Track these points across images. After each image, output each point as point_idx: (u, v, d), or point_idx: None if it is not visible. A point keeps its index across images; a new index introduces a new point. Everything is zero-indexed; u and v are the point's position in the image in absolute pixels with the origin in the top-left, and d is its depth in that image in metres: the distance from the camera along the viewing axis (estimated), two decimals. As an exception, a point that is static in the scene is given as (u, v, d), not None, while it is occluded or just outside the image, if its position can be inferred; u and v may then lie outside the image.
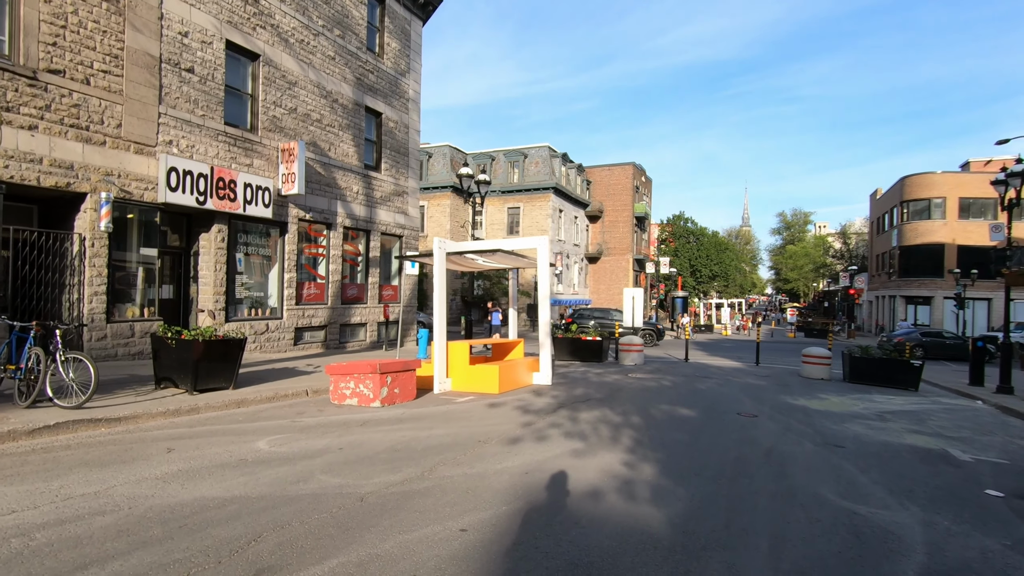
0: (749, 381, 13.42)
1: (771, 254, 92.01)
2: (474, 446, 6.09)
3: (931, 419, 9.41)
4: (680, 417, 8.33)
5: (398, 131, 18.47)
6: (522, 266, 12.36)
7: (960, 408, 11.09)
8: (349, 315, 16.52)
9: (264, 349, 13.74)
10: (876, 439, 7.50)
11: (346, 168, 16.24)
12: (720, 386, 12.22)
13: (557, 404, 9.10)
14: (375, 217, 17.45)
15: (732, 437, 7.10)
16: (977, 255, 35.75)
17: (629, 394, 10.50)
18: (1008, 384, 13.35)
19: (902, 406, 10.77)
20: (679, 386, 11.93)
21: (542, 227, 41.15)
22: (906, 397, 12.22)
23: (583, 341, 17.45)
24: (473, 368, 10.22)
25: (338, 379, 8.64)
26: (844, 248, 68.42)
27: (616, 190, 48.71)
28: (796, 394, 11.49)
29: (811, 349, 15.33)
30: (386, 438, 6.30)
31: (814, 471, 5.69)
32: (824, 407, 9.99)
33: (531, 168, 42.36)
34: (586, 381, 12.28)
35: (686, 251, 58.39)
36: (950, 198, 36.79)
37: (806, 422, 8.41)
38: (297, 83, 14.59)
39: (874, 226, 48.28)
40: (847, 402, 10.79)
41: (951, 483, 5.57)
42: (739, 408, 9.40)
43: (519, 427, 7.22)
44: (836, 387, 13.13)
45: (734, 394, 11.05)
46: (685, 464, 5.73)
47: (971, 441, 7.74)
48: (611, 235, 48.60)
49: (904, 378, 13.88)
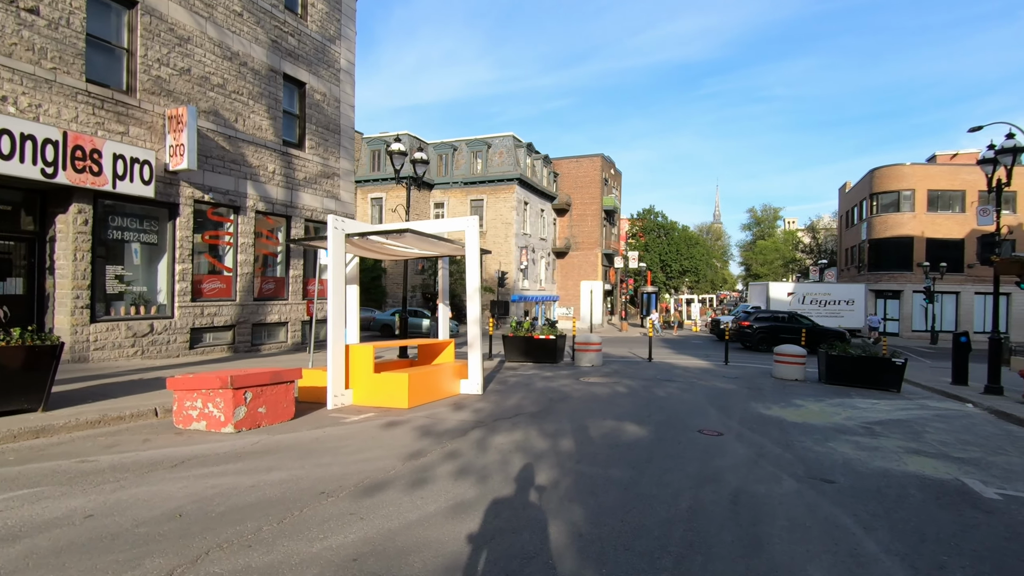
0: (716, 384, 11.76)
1: (741, 250, 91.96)
2: (309, 502, 4.14)
3: (927, 432, 7.82)
4: (626, 440, 6.51)
5: (326, 105, 16.31)
6: (448, 252, 10.44)
7: (953, 415, 9.59)
8: (265, 313, 14.34)
9: (148, 355, 11.50)
10: (871, 466, 5.80)
11: (259, 143, 14.04)
12: (683, 391, 10.51)
13: (474, 422, 7.19)
14: (297, 201, 15.27)
15: (688, 471, 5.30)
16: (945, 248, 35.23)
17: (572, 405, 8.67)
18: (997, 384, 11.99)
19: (889, 413, 9.21)
20: (635, 393, 10.16)
21: (506, 220, 39.28)
22: (890, 401, 10.71)
23: (536, 340, 15.62)
24: (379, 377, 8.24)
25: (183, 396, 6.58)
26: (813, 243, 68.32)
27: (584, 183, 47.09)
28: (769, 401, 9.83)
29: (784, 347, 13.79)
30: (182, 492, 4.30)
31: (800, 533, 3.91)
32: (802, 418, 8.32)
33: (495, 158, 40.41)
34: (527, 387, 10.42)
35: (656, 246, 57.20)
36: (919, 190, 36.18)
37: (783, 442, 6.68)
38: (191, 39, 12.34)
39: (843, 220, 47.78)
40: (827, 410, 9.17)
41: (991, 544, 3.86)
42: (702, 423, 7.65)
43: (401, 462, 5.29)
44: (813, 390, 11.57)
45: (698, 403, 9.33)
46: (614, 526, 3.89)
47: (985, 465, 6.12)
48: (579, 229, 46.99)
49: (885, 378, 12.44)
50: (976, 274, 35.40)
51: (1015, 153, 11.74)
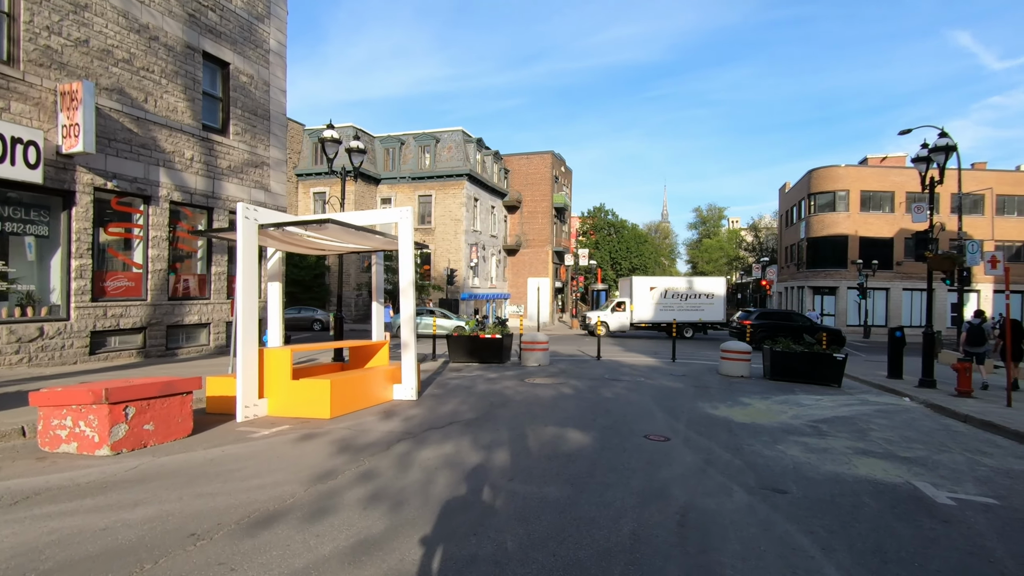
0: (664, 383, 11.46)
1: (688, 248, 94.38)
2: (171, 549, 3.34)
3: (872, 429, 7.69)
4: (567, 449, 5.96)
5: (254, 88, 15.07)
6: (380, 246, 9.63)
7: (892, 409, 9.61)
8: (182, 314, 13.04)
9: (36, 362, 10.12)
10: (822, 470, 5.48)
11: (174, 127, 12.72)
12: (630, 392, 10.12)
13: (401, 433, 6.47)
14: (221, 191, 14.01)
15: (632, 486, 4.79)
16: (877, 246, 36.95)
17: (513, 410, 8.07)
18: (931, 377, 12.27)
19: (833, 410, 9.11)
20: (581, 395, 9.68)
21: (456, 216, 38.42)
22: (832, 396, 10.71)
23: (481, 340, 14.98)
24: (298, 385, 7.38)
25: (50, 413, 5.55)
26: (755, 241, 70.80)
27: (535, 180, 46.77)
28: (716, 400, 9.57)
29: (730, 344, 13.71)
30: (8, 541, 3.40)
31: (755, 560, 3.44)
32: (750, 418, 8.05)
33: (444, 153, 39.43)
34: (468, 391, 9.76)
35: (607, 244, 57.69)
36: (853, 191, 37.79)
37: (732, 446, 6.31)
38: (89, 6, 10.96)
39: (783, 219, 49.52)
40: (774, 408, 8.97)
41: (956, 561, 3.51)
42: (648, 427, 7.22)
43: (304, 487, 4.53)
44: (759, 387, 11.45)
45: (645, 404, 8.93)
46: (544, 563, 3.29)
47: (932, 465, 5.93)
48: (530, 226, 46.64)
49: (827, 373, 12.53)
50: (904, 271, 37.30)
51: (947, 151, 12.03)
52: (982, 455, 6.53)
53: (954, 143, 11.97)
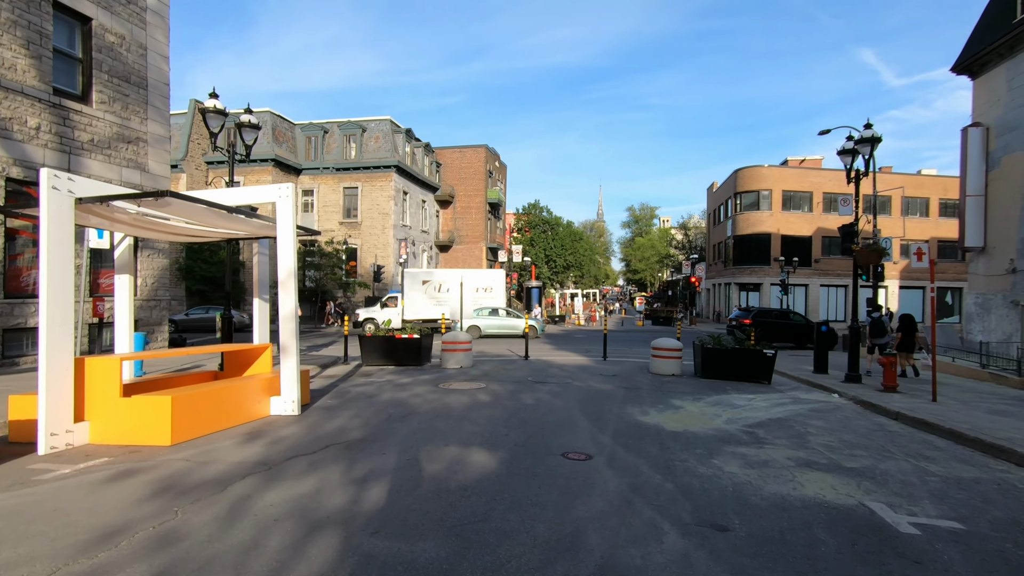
0: (592, 385, 10.55)
1: (622, 246, 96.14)
2: None
3: (810, 433, 7.03)
4: (464, 479, 4.77)
5: (126, 51, 12.87)
6: (255, 231, 8.05)
7: (824, 408, 9.15)
8: (25, 315, 10.81)
9: None
10: (766, 493, 4.60)
11: (10, 88, 10.47)
12: (554, 397, 9.09)
13: (254, 464, 5.05)
14: (81, 169, 11.79)
15: (537, 533, 3.66)
16: (797, 244, 38.39)
17: (414, 424, 6.80)
18: (856, 372, 12.09)
19: (768, 411, 8.47)
20: (498, 402, 8.54)
21: (384, 210, 36.46)
22: (765, 395, 10.18)
23: (398, 340, 13.57)
24: (129, 403, 5.76)
25: None
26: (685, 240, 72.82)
27: (468, 174, 45.45)
28: (647, 403, 8.71)
29: (661, 341, 13.05)
30: None
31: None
32: (682, 424, 7.19)
33: (371, 143, 37.33)
34: (369, 400, 8.38)
35: (541, 241, 57.23)
36: (775, 191, 39.07)
37: (663, 464, 5.35)
38: None
39: (711, 218, 50.87)
40: (707, 411, 8.21)
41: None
42: (569, 440, 6.17)
43: (58, 564, 3.08)
44: (690, 387, 10.77)
45: (568, 411, 7.91)
46: None
47: (881, 477, 5.22)
48: (463, 222, 45.28)
49: (757, 370, 12.10)
50: (822, 268, 39.00)
51: (872, 143, 11.86)
52: (926, 460, 5.95)
53: (879, 135, 11.81)
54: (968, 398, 10.42)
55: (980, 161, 18.78)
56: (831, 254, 39.27)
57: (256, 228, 7.71)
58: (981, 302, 18.64)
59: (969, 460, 6.09)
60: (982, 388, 11.83)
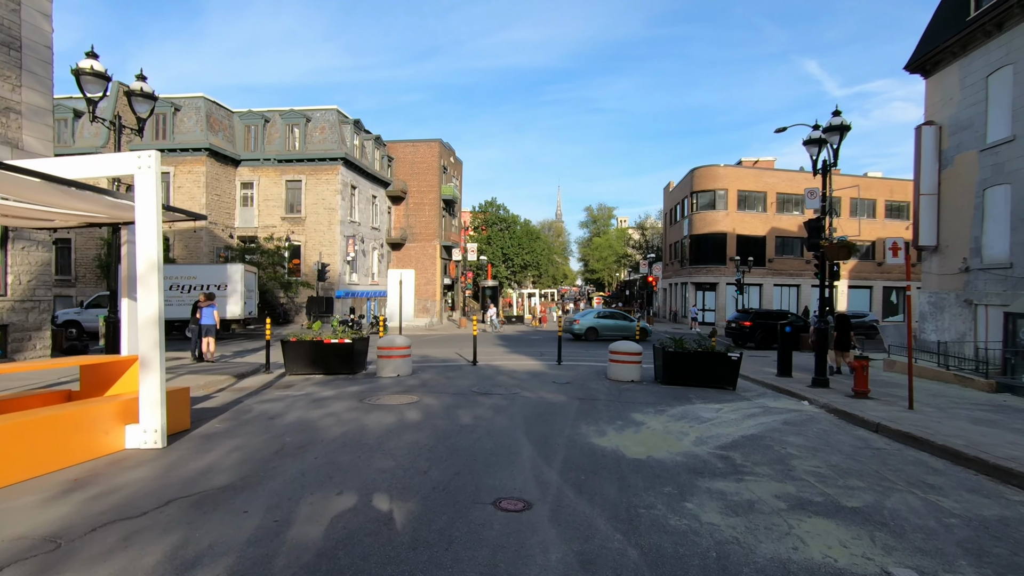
0: (543, 396, 9.28)
1: (580, 246, 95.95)
2: None
3: (791, 456, 5.96)
4: (347, 558, 3.36)
5: (-7, 3, 10.76)
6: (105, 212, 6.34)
7: (798, 419, 8.19)
8: None
9: None
10: (761, 560, 3.39)
11: None
12: (497, 413, 7.76)
13: (40, 540, 3.48)
14: (-75, 142, 9.67)
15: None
16: (752, 244, 38.48)
17: (307, 462, 5.31)
18: (824, 375, 11.30)
19: (738, 424, 7.42)
20: (429, 421, 7.14)
21: (330, 205, 34.31)
22: (731, 404, 9.19)
23: (326, 346, 11.97)
24: None
25: None
26: (642, 239, 73.03)
27: (421, 169, 43.60)
28: (604, 419, 7.49)
29: (619, 344, 11.94)
30: None
31: None
32: (645, 448, 5.99)
33: (316, 134, 35.07)
34: (267, 424, 6.82)
35: (499, 239, 55.91)
36: (731, 190, 39.06)
37: (624, 515, 4.09)
38: None
39: (667, 217, 50.78)
40: (672, 428, 7.06)
41: None
42: (505, 479, 4.84)
43: None
44: (651, 395, 9.66)
45: (511, 433, 6.59)
46: None
47: (894, 524, 4.13)
48: (417, 219, 43.43)
49: (722, 374, 11.17)
50: (775, 268, 39.25)
51: (842, 131, 11.09)
52: (934, 492, 4.93)
53: (848, 123, 11.04)
54: (942, 403, 9.72)
55: (933, 160, 18.58)
56: (784, 254, 39.60)
57: (106, 208, 6.03)
58: (935, 301, 18.46)
59: (980, 488, 5.12)
60: (950, 392, 11.23)
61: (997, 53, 15.95)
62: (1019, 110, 14.99)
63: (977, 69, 16.68)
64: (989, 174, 16.11)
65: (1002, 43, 15.87)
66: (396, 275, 12.87)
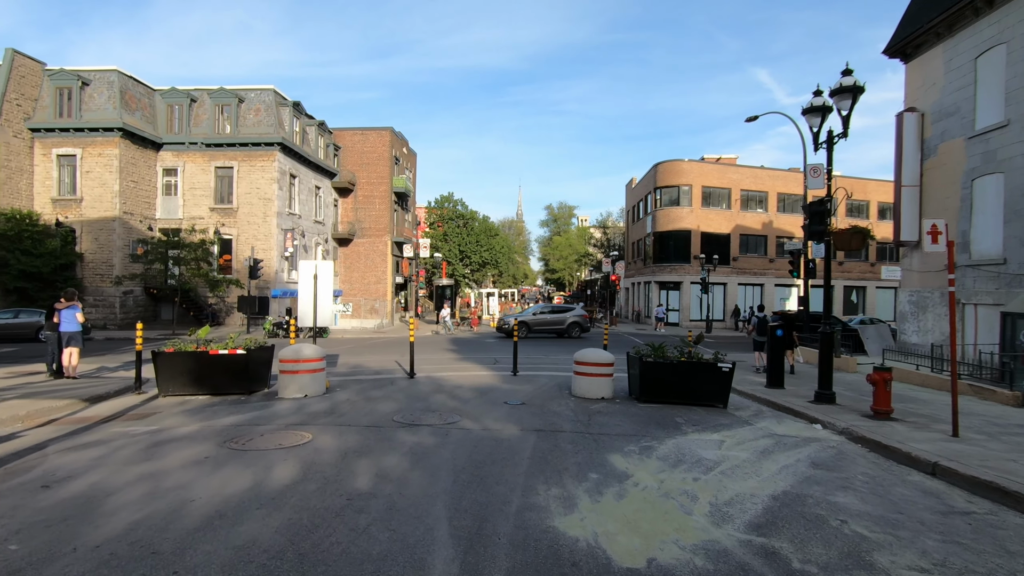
0: (489, 427, 6.89)
1: (540, 246, 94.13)
2: None
3: (863, 539, 3.77)
4: None
5: None
6: None
7: (828, 457, 6.10)
8: None
9: None
10: None
11: None
12: (415, 463, 5.31)
13: None
14: None
15: None
16: (716, 242, 37.22)
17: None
18: (829, 390, 9.36)
19: (760, 475, 5.23)
20: (303, 486, 4.63)
21: (265, 194, 30.92)
22: (732, 432, 7.07)
23: (213, 357, 9.26)
24: None
25: None
26: (604, 238, 71.70)
27: (372, 159, 40.49)
28: (569, 472, 5.15)
29: (585, 353, 9.68)
30: None
31: None
32: (641, 539, 3.66)
33: (250, 116, 31.59)
34: (18, 498, 4.17)
35: (456, 236, 53.21)
36: (695, 186, 37.72)
37: None
38: None
39: (630, 215, 49.31)
40: (671, 485, 4.78)
41: None
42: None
43: None
44: (630, 422, 7.41)
45: (422, 515, 4.15)
46: None
47: None
48: (366, 213, 40.30)
49: (711, 389, 9.12)
50: (739, 266, 38.16)
51: (854, 93, 9.13)
52: None
53: (861, 84, 9.10)
54: (978, 424, 7.86)
55: (915, 150, 17.16)
56: (749, 252, 38.57)
57: None
58: (916, 300, 17.04)
59: None
60: (974, 407, 9.44)
61: (988, 32, 14.48)
62: (1013, 93, 13.53)
63: (964, 51, 15.23)
64: (978, 163, 14.68)
65: (993, 21, 14.39)
66: (309, 267, 10.21)
